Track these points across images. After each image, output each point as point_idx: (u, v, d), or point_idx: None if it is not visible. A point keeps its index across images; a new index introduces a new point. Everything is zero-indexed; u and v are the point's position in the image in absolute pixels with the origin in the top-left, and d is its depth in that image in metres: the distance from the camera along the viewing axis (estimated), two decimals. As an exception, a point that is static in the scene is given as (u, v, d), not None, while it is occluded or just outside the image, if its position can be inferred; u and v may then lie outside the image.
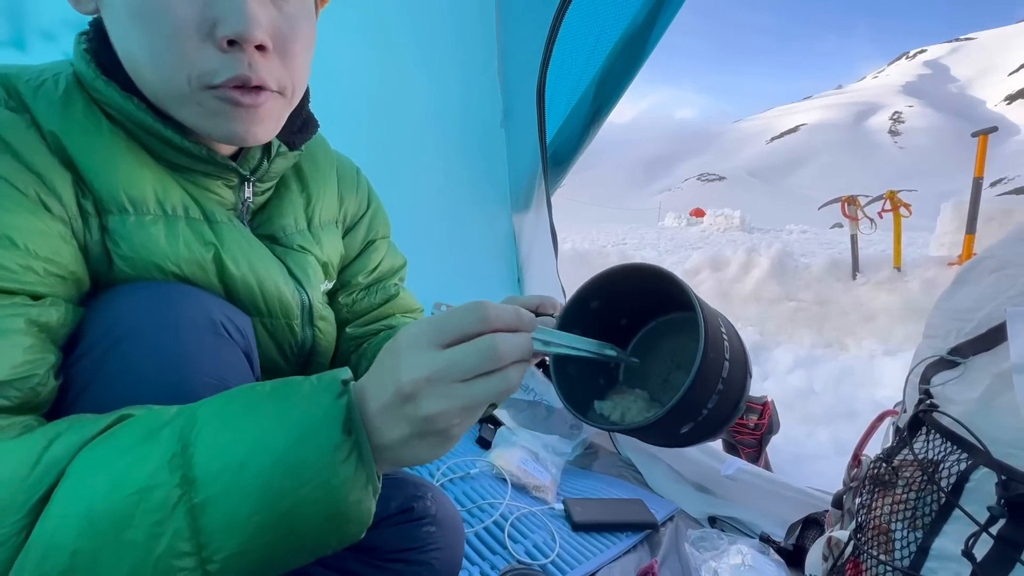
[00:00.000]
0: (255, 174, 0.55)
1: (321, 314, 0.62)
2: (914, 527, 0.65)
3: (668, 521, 1.19)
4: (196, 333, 0.44)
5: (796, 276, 3.97)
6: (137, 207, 0.46)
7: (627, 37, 1.19)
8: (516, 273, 1.73)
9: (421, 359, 0.34)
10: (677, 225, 23.88)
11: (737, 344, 0.48)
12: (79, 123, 0.44)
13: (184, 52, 0.42)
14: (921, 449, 0.70)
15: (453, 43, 1.43)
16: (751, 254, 4.20)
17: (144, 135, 0.47)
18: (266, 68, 0.45)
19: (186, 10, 0.41)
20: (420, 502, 0.68)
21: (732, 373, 0.45)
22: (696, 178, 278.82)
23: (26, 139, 0.41)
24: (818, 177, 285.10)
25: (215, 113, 0.45)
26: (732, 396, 0.46)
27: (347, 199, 0.70)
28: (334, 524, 0.35)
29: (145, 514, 0.31)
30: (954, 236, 4.31)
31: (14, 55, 0.73)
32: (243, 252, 0.52)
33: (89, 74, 0.45)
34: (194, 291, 0.47)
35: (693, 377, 0.40)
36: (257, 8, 0.42)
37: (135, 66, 0.45)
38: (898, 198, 4.08)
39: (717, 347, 0.43)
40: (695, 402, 0.42)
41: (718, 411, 0.45)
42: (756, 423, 1.62)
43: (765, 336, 3.44)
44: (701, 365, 0.41)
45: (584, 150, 1.47)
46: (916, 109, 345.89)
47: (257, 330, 0.54)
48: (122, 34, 0.44)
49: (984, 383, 0.66)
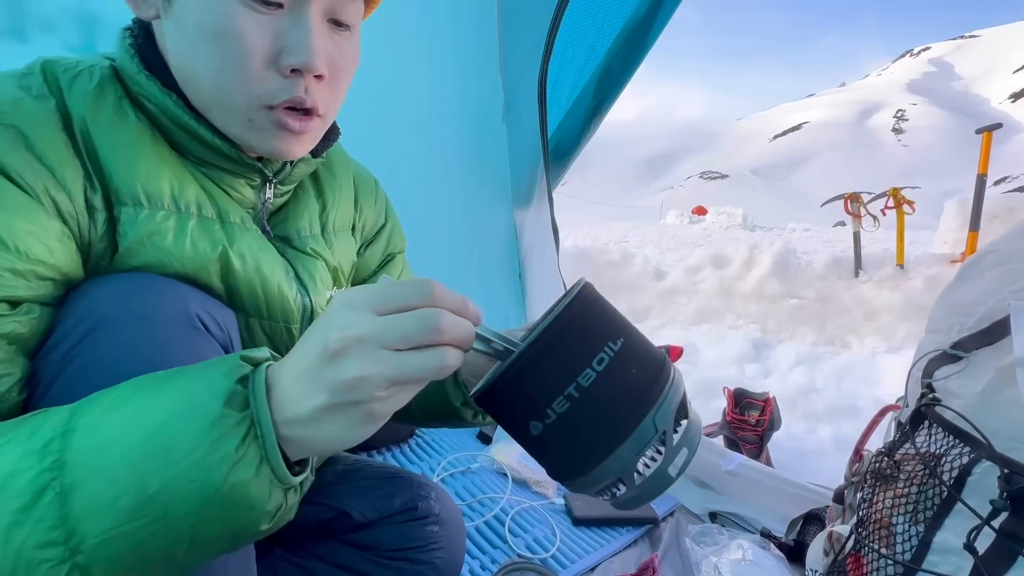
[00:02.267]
0: (277, 176, 0.57)
1: None
2: (915, 521, 0.65)
3: (668, 516, 1.19)
4: (170, 325, 0.42)
5: (798, 274, 3.96)
6: (152, 201, 0.47)
7: (628, 30, 1.18)
8: (517, 268, 1.73)
9: (354, 318, 0.32)
10: (679, 223, 23.82)
11: (629, 373, 0.39)
12: (108, 114, 0.46)
13: (250, 75, 0.46)
14: (923, 443, 0.70)
15: (454, 37, 1.42)
16: (753, 252, 4.18)
17: (176, 130, 0.49)
18: (319, 94, 0.49)
19: (258, 39, 0.45)
20: (424, 501, 0.68)
21: (600, 391, 0.38)
22: (698, 176, 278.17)
23: (45, 130, 0.42)
24: (821, 175, 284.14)
25: (263, 130, 0.49)
26: (603, 420, 0.38)
27: (365, 209, 0.71)
28: (214, 509, 0.31)
29: (8, 500, 0.30)
30: (957, 234, 4.29)
31: (14, 45, 0.73)
32: (251, 253, 0.53)
33: (132, 68, 0.47)
34: (172, 283, 0.45)
35: (519, 353, 0.37)
36: (319, 42, 0.47)
37: (192, 75, 0.47)
38: (901, 195, 4.06)
39: (579, 347, 0.38)
40: (525, 385, 0.38)
41: (578, 428, 0.38)
42: (757, 419, 1.62)
43: (767, 334, 3.43)
44: (536, 344, 0.37)
45: (585, 144, 1.47)
46: (920, 107, 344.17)
47: (255, 332, 0.55)
48: (185, 46, 0.47)
49: (987, 377, 0.66)
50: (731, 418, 1.65)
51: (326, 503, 0.67)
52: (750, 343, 3.08)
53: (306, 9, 0.46)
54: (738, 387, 1.73)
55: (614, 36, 1.21)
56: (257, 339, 0.56)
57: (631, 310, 3.96)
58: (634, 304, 4.03)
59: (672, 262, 5.43)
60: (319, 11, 0.47)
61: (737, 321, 3.67)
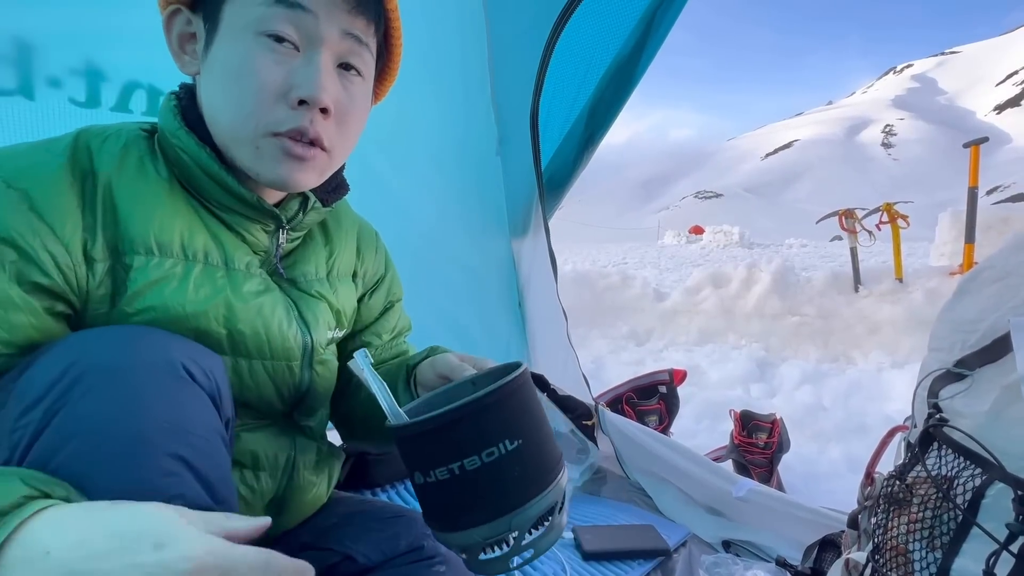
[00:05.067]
0: (291, 222, 0.61)
1: (322, 358, 0.64)
2: (932, 547, 0.64)
3: (681, 547, 1.16)
4: (153, 376, 0.42)
5: (798, 290, 3.96)
6: (162, 250, 0.51)
7: (616, 66, 1.22)
8: (517, 298, 1.73)
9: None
10: (677, 243, 23.94)
11: (510, 473, 0.43)
12: (130, 171, 0.51)
13: (261, 105, 0.51)
14: (934, 465, 0.69)
15: (448, 75, 1.46)
16: (752, 270, 4.20)
17: (205, 179, 0.54)
18: (323, 127, 0.53)
19: (272, 75, 0.50)
20: (429, 540, 0.67)
21: (478, 478, 0.42)
22: (693, 196, 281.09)
23: (52, 191, 0.46)
24: (814, 191, 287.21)
25: (269, 157, 0.52)
26: (468, 501, 0.43)
27: (366, 257, 0.75)
28: None
29: None
30: (954, 245, 4.31)
31: (22, 103, 0.76)
32: (252, 298, 0.55)
33: (174, 124, 0.53)
34: (155, 333, 0.46)
35: (422, 419, 0.42)
36: (328, 81, 0.52)
37: (214, 112, 0.53)
38: (895, 210, 4.10)
39: (476, 434, 0.43)
40: (417, 444, 0.44)
41: (446, 497, 0.43)
42: (766, 441, 1.60)
43: (770, 352, 3.41)
44: (438, 418, 0.42)
45: (580, 174, 1.49)
46: (907, 122, 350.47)
47: (257, 373, 0.57)
48: (214, 88, 0.52)
49: (993, 395, 0.66)
50: (739, 441, 1.62)
51: (330, 547, 0.66)
52: (754, 362, 3.06)
53: (318, 52, 0.51)
54: (745, 409, 1.71)
55: (602, 72, 1.25)
56: (259, 380, 0.57)
57: (633, 333, 3.96)
58: (635, 327, 4.03)
59: (672, 283, 5.45)
60: (330, 56, 0.53)
61: (740, 340, 3.66)
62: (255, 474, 0.59)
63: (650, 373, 1.85)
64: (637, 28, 1.17)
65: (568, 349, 1.66)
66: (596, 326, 3.99)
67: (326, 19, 0.51)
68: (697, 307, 4.08)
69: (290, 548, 0.65)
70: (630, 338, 3.87)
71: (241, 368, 0.56)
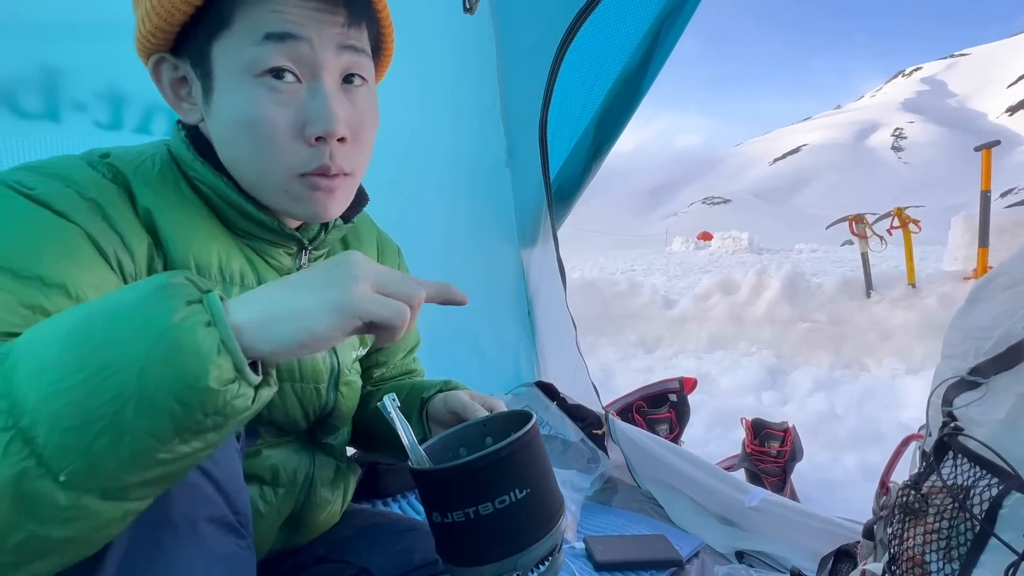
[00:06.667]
0: (312, 243, 0.61)
1: (347, 379, 0.65)
2: (949, 558, 0.63)
3: (694, 557, 1.15)
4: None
5: (809, 296, 3.93)
6: (202, 272, 0.52)
7: (623, 78, 1.24)
8: (526, 307, 1.74)
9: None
10: (685, 249, 23.80)
11: (518, 519, 0.48)
12: (168, 199, 0.51)
13: (281, 151, 0.50)
14: (949, 475, 0.68)
15: (458, 88, 1.48)
16: (761, 276, 4.17)
17: (226, 207, 0.54)
18: (343, 155, 0.53)
19: (283, 117, 0.50)
20: None
21: (490, 522, 0.47)
22: (701, 202, 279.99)
23: (117, 205, 0.47)
24: (824, 196, 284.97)
25: (299, 198, 0.53)
26: (480, 542, 0.48)
27: None
28: (159, 351, 0.30)
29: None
30: (967, 250, 4.25)
31: (48, 127, 0.78)
32: None
33: (188, 156, 0.53)
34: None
35: (443, 467, 0.47)
36: (337, 108, 0.51)
37: (235, 162, 0.53)
38: (906, 215, 4.06)
39: (491, 483, 0.48)
40: (437, 489, 0.49)
41: (461, 537, 0.48)
42: (779, 450, 1.58)
43: (782, 359, 3.38)
44: (456, 469, 0.47)
45: (588, 184, 1.50)
46: (917, 125, 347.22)
47: (287, 394, 0.58)
48: (227, 138, 0.52)
49: (1008, 403, 0.65)
50: (751, 450, 1.61)
51: (346, 560, 0.66)
52: (765, 370, 3.03)
53: (320, 80, 0.50)
54: (756, 417, 1.69)
55: (610, 84, 1.26)
56: (288, 402, 0.59)
57: (642, 340, 3.94)
58: (644, 334, 4.01)
59: (681, 289, 5.42)
60: (332, 78, 0.51)
61: (751, 347, 3.63)
62: (274, 490, 0.59)
63: (660, 381, 1.84)
64: (644, 40, 1.18)
65: (577, 358, 1.66)
66: (605, 334, 3.98)
67: (320, 42, 0.49)
68: (706, 314, 4.05)
69: (306, 561, 0.66)
70: (639, 346, 3.86)
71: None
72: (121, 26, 0.81)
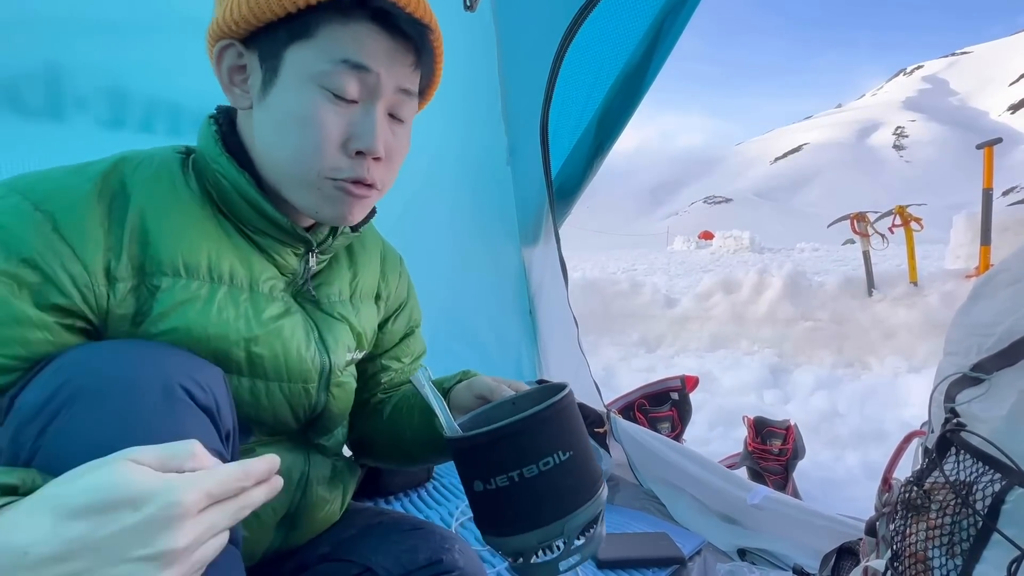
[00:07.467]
0: (320, 246, 0.63)
1: (339, 380, 0.65)
2: (952, 554, 0.63)
3: (696, 555, 1.15)
4: (144, 397, 0.42)
5: (811, 295, 3.92)
6: (189, 272, 0.52)
7: (624, 76, 1.24)
8: (528, 305, 1.74)
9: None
10: (686, 248, 23.74)
11: (563, 481, 0.48)
12: (161, 196, 0.53)
13: (323, 154, 0.54)
14: (952, 471, 0.68)
15: (459, 87, 1.48)
16: (763, 275, 4.17)
17: (242, 203, 0.56)
18: (377, 172, 0.57)
19: (334, 127, 0.53)
20: (448, 554, 0.67)
21: (535, 485, 0.47)
22: (702, 201, 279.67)
23: (77, 212, 0.47)
24: (825, 195, 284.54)
25: (329, 198, 0.56)
26: (526, 507, 0.47)
27: (390, 280, 0.76)
28: None
29: None
30: (969, 248, 4.24)
31: (51, 123, 0.78)
32: (274, 322, 0.57)
33: (215, 150, 0.55)
34: (152, 348, 0.47)
35: (488, 430, 0.47)
36: (382, 132, 0.56)
37: (269, 150, 0.56)
38: (908, 213, 4.05)
39: (535, 445, 0.47)
40: (480, 454, 0.48)
41: (506, 503, 0.48)
42: (780, 448, 1.58)
43: (784, 358, 3.38)
44: (503, 429, 0.46)
45: (589, 182, 1.51)
46: (919, 123, 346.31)
47: (274, 394, 0.58)
48: (270, 128, 0.55)
49: (1010, 399, 0.65)
50: (753, 448, 1.61)
51: (350, 559, 0.66)
52: (767, 368, 3.03)
53: (375, 105, 0.55)
54: (758, 415, 1.69)
55: (611, 82, 1.27)
56: (275, 401, 0.58)
57: (643, 339, 3.94)
58: (646, 333, 4.01)
59: (682, 288, 5.42)
60: (384, 107, 0.56)
61: (752, 346, 3.63)
62: None
63: (662, 380, 1.84)
64: (645, 38, 1.18)
65: (579, 356, 1.66)
66: (606, 333, 3.98)
67: (386, 76, 0.54)
68: (708, 313, 4.05)
69: (309, 560, 0.66)
70: (640, 345, 3.86)
71: (258, 390, 0.57)
72: (125, 23, 0.81)
